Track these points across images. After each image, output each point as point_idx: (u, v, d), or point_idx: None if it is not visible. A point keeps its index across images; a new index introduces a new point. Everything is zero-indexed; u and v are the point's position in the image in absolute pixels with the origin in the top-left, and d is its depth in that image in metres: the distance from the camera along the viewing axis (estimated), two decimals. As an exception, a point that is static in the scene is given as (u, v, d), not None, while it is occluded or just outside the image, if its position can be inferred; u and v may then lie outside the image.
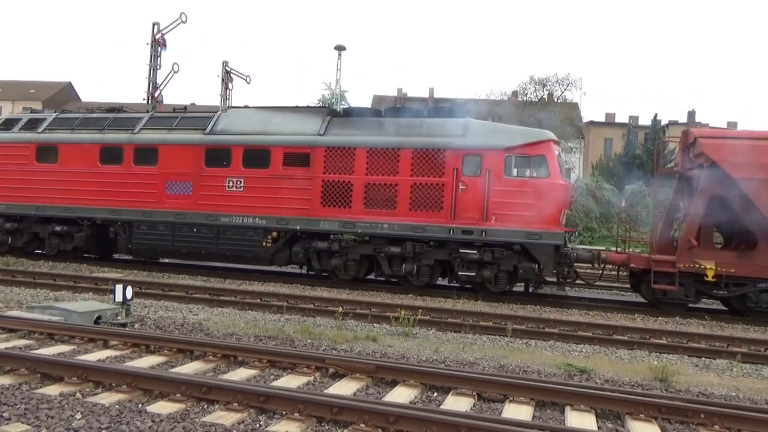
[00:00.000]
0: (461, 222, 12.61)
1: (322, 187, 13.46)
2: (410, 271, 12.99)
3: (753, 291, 11.61)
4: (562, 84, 41.47)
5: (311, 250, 13.61)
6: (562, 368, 6.79)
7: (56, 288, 11.30)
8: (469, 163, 12.70)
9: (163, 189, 14.63)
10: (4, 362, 5.59)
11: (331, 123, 13.99)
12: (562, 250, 12.55)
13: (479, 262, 12.59)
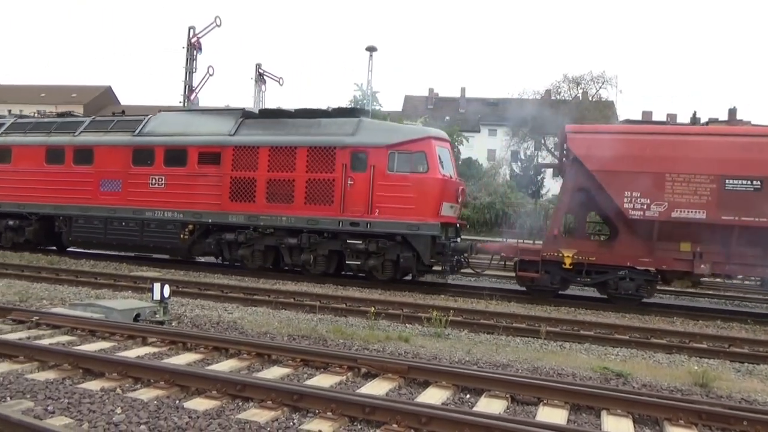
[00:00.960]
0: (349, 215, 13.43)
1: (230, 183, 14.50)
2: (307, 261, 13.96)
3: (613, 278, 12.13)
4: (597, 82, 40.65)
5: (222, 242, 14.70)
6: (597, 371, 6.66)
7: (97, 286, 11.64)
8: (356, 160, 13.49)
9: (97, 186, 16.00)
10: (49, 357, 5.79)
11: (243, 124, 15.03)
12: (439, 241, 13.03)
13: (366, 252, 13.41)
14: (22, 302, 9.27)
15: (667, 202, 11.49)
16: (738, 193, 11.20)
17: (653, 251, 11.88)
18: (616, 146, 11.90)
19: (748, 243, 11.37)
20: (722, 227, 11.29)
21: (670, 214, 11.47)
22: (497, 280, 15.57)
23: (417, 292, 12.86)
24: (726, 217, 11.19)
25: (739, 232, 11.26)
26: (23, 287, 11.00)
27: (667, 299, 14.69)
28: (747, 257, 11.50)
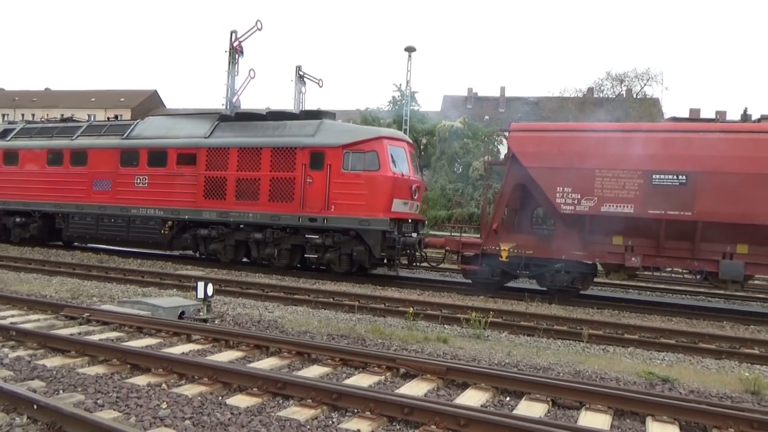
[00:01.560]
0: (308, 211, 14.30)
1: (204, 182, 15.61)
2: (272, 254, 14.94)
3: (549, 271, 12.46)
4: (642, 79, 39.60)
5: (198, 237, 15.82)
6: (642, 376, 6.49)
7: (144, 284, 12.00)
8: (315, 159, 14.32)
9: (91, 186, 17.45)
10: (99, 353, 6.01)
11: (217, 127, 16.13)
12: (389, 235, 13.65)
13: (324, 246, 14.28)
14: (73, 299, 9.64)
15: (596, 197, 11.81)
16: (664, 187, 11.40)
17: (587, 245, 12.14)
18: (549, 143, 12.42)
19: (675, 236, 11.56)
20: (650, 221, 11.50)
21: (599, 209, 11.76)
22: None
23: (455, 293, 12.80)
24: (653, 212, 11.44)
25: (667, 225, 11.45)
26: (75, 285, 11.44)
27: (716, 302, 14.20)
28: (675, 250, 11.69)
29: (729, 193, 10.93)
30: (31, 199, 18.34)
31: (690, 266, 11.88)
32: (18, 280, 11.56)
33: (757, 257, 11.19)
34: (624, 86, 39.95)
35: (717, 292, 14.69)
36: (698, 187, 11.14)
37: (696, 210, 11.16)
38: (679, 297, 14.54)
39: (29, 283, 11.19)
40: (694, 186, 11.19)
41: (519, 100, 56.36)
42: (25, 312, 8.30)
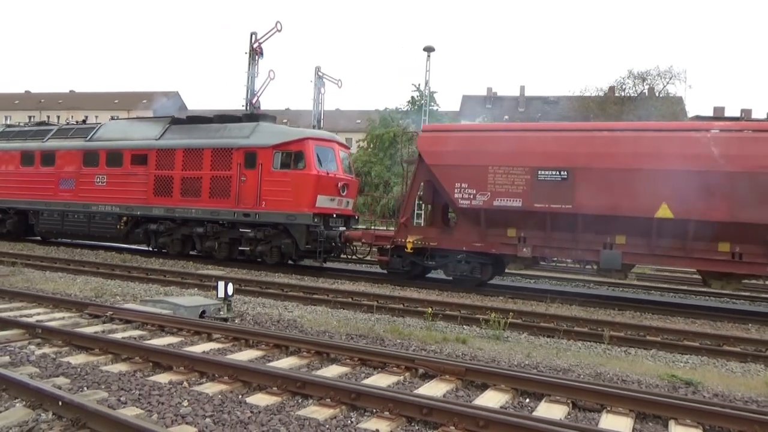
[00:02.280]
0: (242, 207, 15.40)
1: (154, 180, 16.80)
2: (212, 247, 16.15)
3: (451, 261, 13.38)
4: (664, 77, 39.02)
5: (149, 231, 17.05)
6: (665, 379, 6.39)
7: (166, 283, 12.16)
8: (248, 159, 15.38)
9: (57, 185, 18.79)
10: (122, 351, 6.11)
11: (168, 130, 17.31)
12: (313, 229, 14.65)
13: (256, 239, 15.43)
14: (97, 298, 9.81)
15: (489, 192, 12.62)
16: (548, 182, 12.16)
17: (484, 237, 12.99)
18: (449, 143, 13.33)
19: (560, 228, 12.31)
20: (536, 214, 12.30)
21: (492, 203, 12.59)
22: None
23: (474, 294, 12.75)
24: (538, 205, 12.23)
25: (551, 218, 12.21)
26: (99, 284, 11.64)
27: (741, 305, 13.92)
28: (561, 241, 12.44)
29: (603, 187, 11.67)
30: (7, 197, 19.77)
31: (574, 256, 12.75)
32: (44, 279, 11.79)
33: (634, 247, 11.86)
34: (646, 84, 39.44)
35: (742, 293, 14.42)
36: (577, 182, 11.89)
37: (575, 203, 11.90)
38: (703, 298, 14.29)
39: (54, 282, 11.41)
40: (573, 181, 11.92)
41: (539, 100, 55.98)
42: (50, 310, 8.47)
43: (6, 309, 8.35)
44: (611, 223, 11.74)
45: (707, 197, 10.92)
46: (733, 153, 11.00)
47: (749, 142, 11.19)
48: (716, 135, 11.36)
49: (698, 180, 10.92)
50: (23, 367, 5.47)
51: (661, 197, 11.25)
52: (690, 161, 11.09)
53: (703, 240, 11.38)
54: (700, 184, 10.90)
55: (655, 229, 11.47)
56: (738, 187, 10.85)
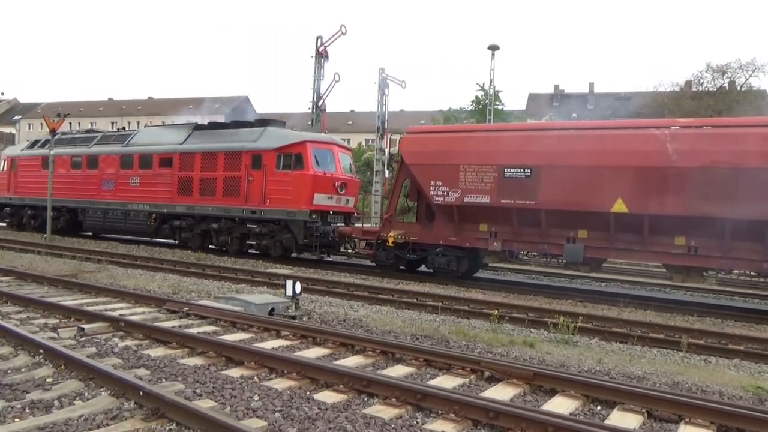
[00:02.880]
0: (250, 204, 16.84)
1: (178, 181, 18.56)
2: (225, 242, 17.74)
3: (431, 254, 14.20)
4: (747, 70, 36.59)
5: (174, 227, 18.78)
6: (750, 391, 6.00)
7: (237, 281, 12.59)
8: (255, 161, 16.84)
9: (100, 186, 20.87)
10: (197, 345, 6.38)
11: (191, 135, 18.98)
12: (309, 225, 15.89)
13: (261, 234, 16.85)
14: (174, 294, 10.28)
15: (461, 189, 13.43)
16: (514, 180, 12.84)
17: (459, 231, 13.78)
18: (426, 144, 14.37)
19: (526, 223, 13.00)
20: (504, 209, 12.97)
21: (463, 200, 13.39)
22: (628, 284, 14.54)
23: (541, 296, 12.45)
24: (504, 201, 12.92)
25: (517, 213, 12.88)
26: (175, 281, 12.20)
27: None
28: (528, 235, 13.13)
29: (565, 184, 12.24)
30: (61, 197, 21.67)
31: (541, 250, 13.28)
32: (126, 276, 12.49)
33: (595, 241, 12.38)
34: (726, 78, 37.12)
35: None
36: (541, 179, 12.50)
37: (539, 199, 12.54)
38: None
39: (135, 279, 12.06)
40: (537, 178, 12.54)
41: (609, 96, 53.97)
42: (132, 305, 8.96)
43: (93, 303, 8.91)
44: (573, 218, 12.31)
45: (662, 192, 11.35)
46: (688, 149, 11.28)
47: (705, 138, 11.44)
48: (674, 132, 11.67)
49: (653, 176, 11.44)
50: (108, 358, 5.82)
51: (617, 193, 11.75)
52: (645, 158, 11.56)
53: (660, 234, 11.69)
54: (655, 180, 11.40)
55: (613, 224, 11.95)
56: (692, 182, 11.15)
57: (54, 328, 7.00)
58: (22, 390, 4.70)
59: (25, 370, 5.31)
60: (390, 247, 14.56)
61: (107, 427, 4.06)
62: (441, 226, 14.11)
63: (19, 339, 6.06)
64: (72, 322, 7.38)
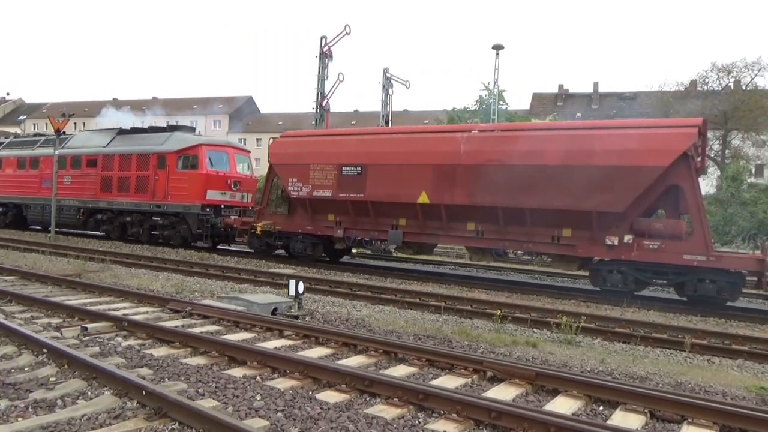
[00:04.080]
0: (156, 200, 19.31)
1: (101, 180, 21.21)
2: (137, 233, 20.33)
3: (292, 241, 16.77)
4: (752, 69, 36.45)
5: (98, 220, 21.54)
6: (753, 391, 5.99)
7: (240, 281, 12.61)
8: (160, 162, 19.27)
9: (40, 184, 23.24)
10: (200, 344, 6.39)
11: (114, 139, 21.66)
12: (201, 217, 18.53)
13: (164, 226, 19.51)
14: (177, 294, 10.30)
15: (311, 185, 15.81)
16: (349, 176, 15.13)
17: (313, 221, 16.18)
18: (285, 147, 16.84)
19: (359, 213, 15.37)
20: (343, 202, 15.31)
21: (312, 194, 15.76)
22: None
23: (544, 296, 12.43)
24: (342, 195, 15.24)
25: (352, 205, 15.26)
26: (179, 280, 12.23)
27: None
28: (361, 223, 15.46)
29: (385, 180, 14.60)
30: (8, 194, 24.83)
31: (372, 236, 15.39)
32: (129, 275, 12.52)
33: (411, 227, 14.65)
34: (731, 77, 36.98)
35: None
36: (368, 176, 14.81)
37: (366, 193, 14.85)
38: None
39: (139, 278, 12.09)
40: (365, 175, 14.86)
41: (614, 96, 53.86)
42: (135, 304, 8.99)
43: (96, 303, 8.94)
44: (393, 208, 14.71)
45: (454, 186, 13.64)
46: (474, 150, 13.55)
47: (487, 140, 13.74)
48: (469, 135, 13.99)
49: (447, 172, 13.72)
50: (111, 357, 5.84)
51: (422, 187, 14.02)
52: (442, 157, 13.91)
53: (455, 221, 13.98)
54: (448, 176, 13.70)
55: (420, 213, 14.28)
56: (473, 177, 13.37)
57: (57, 327, 7.03)
58: (26, 389, 4.72)
59: (29, 369, 5.33)
60: (260, 236, 17.03)
61: (110, 427, 4.08)
62: (299, 216, 16.55)
63: (23, 338, 6.09)
64: (75, 322, 7.41)
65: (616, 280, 12.44)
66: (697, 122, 12.25)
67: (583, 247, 12.68)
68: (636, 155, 11.79)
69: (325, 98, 24.91)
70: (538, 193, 12.62)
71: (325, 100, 24.88)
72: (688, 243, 11.77)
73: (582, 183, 12.19)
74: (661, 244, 11.90)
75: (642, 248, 12.03)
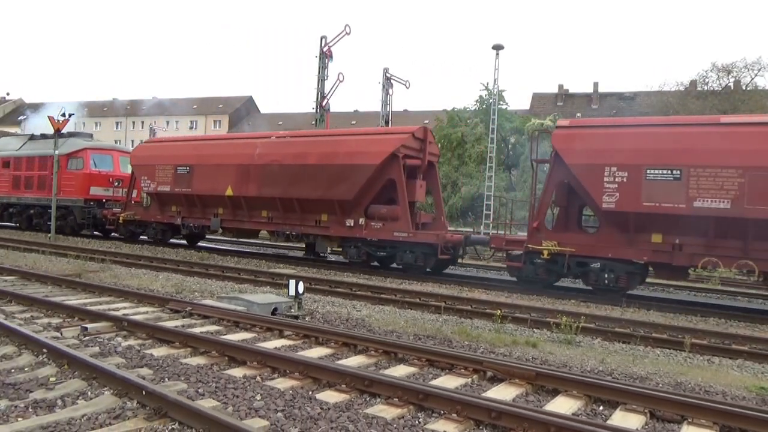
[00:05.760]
0: (51, 195, 21.61)
1: (12, 178, 25.20)
2: (39, 223, 23.87)
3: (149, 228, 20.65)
4: (752, 69, 36.49)
5: (11, 213, 25.54)
6: (753, 392, 5.99)
7: (240, 281, 12.61)
8: (57, 163, 21.35)
9: None
10: (200, 344, 6.39)
11: (26, 143, 25.72)
12: (84, 209, 22.39)
13: (59, 217, 22.22)
14: (177, 294, 10.30)
15: (156, 182, 19.33)
16: (182, 175, 18.74)
17: (162, 212, 19.70)
18: (143, 150, 20.81)
19: (190, 204, 18.84)
20: (177, 195, 18.88)
21: (157, 189, 19.35)
22: None
23: (545, 297, 12.43)
24: (177, 189, 18.79)
25: (185, 198, 18.67)
26: (179, 280, 12.23)
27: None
28: (193, 213, 18.84)
29: (206, 177, 18.08)
30: None
31: (201, 223, 18.69)
32: (129, 275, 12.52)
33: (228, 215, 18.11)
34: (731, 77, 37.00)
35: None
36: (194, 174, 18.46)
37: (193, 188, 18.50)
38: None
39: (139, 278, 12.09)
40: (192, 173, 18.49)
41: (614, 96, 53.85)
42: (135, 304, 8.98)
43: (96, 303, 8.94)
44: (213, 200, 18.12)
45: (248, 181, 17.16)
46: (263, 152, 17.06)
47: (275, 144, 17.26)
48: (264, 141, 17.63)
49: (245, 171, 17.22)
50: (111, 357, 5.84)
51: (228, 182, 17.46)
52: (242, 159, 17.42)
53: (254, 209, 17.53)
54: (246, 173, 17.19)
55: (230, 203, 17.72)
56: (262, 175, 16.86)
57: (57, 327, 7.03)
58: (26, 389, 4.72)
59: (29, 369, 5.33)
60: (123, 224, 20.78)
61: (110, 427, 4.08)
62: (153, 208, 19.92)
63: (23, 338, 6.09)
64: (75, 322, 7.41)
65: (353, 253, 15.80)
66: (411, 130, 15.64)
67: (334, 228, 15.99)
68: (360, 156, 15.23)
69: (325, 98, 24.91)
70: (303, 186, 16.10)
71: (325, 100, 24.88)
72: (398, 223, 14.93)
73: (329, 178, 15.58)
74: (383, 225, 15.13)
75: (370, 228, 15.29)
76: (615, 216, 12.03)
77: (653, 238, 11.74)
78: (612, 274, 12.24)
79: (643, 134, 12.07)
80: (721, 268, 11.58)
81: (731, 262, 11.22)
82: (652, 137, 11.86)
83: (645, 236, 11.84)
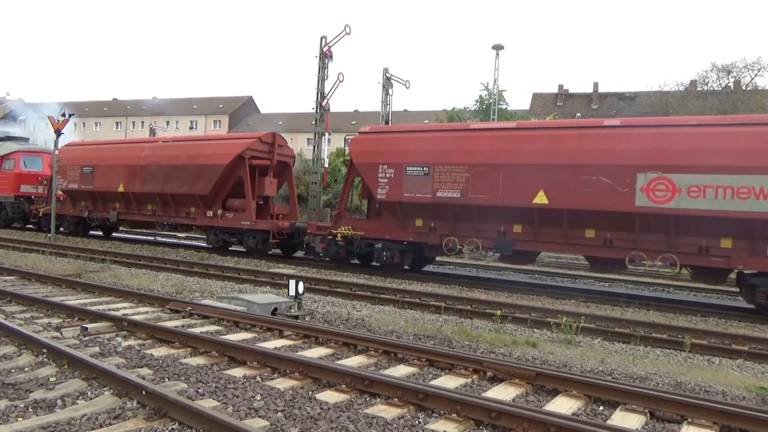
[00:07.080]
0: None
1: None
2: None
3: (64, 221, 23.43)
4: (752, 69, 36.48)
5: None
6: (753, 392, 5.99)
7: (240, 281, 12.61)
8: None
9: None
10: (200, 344, 6.39)
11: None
12: (15, 204, 25.45)
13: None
14: (177, 294, 10.30)
15: (68, 180, 22.19)
16: (85, 174, 21.75)
17: (74, 207, 22.64)
18: (71, 152, 22.69)
19: (93, 199, 21.73)
20: (83, 192, 21.81)
21: (68, 187, 22.10)
22: None
23: (545, 296, 12.43)
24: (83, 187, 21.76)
25: (88, 194, 21.74)
26: (179, 280, 12.23)
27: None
28: (97, 207, 21.86)
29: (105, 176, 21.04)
30: None
31: (101, 215, 21.59)
32: (129, 275, 12.52)
33: (121, 209, 21.01)
34: (731, 77, 37.00)
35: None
36: (96, 173, 21.36)
37: (94, 186, 21.37)
38: None
39: (139, 278, 12.09)
40: (94, 173, 21.34)
41: (614, 96, 53.83)
42: (135, 305, 8.99)
43: (96, 303, 8.94)
44: (110, 196, 21.03)
45: (135, 179, 19.88)
46: (148, 154, 19.89)
47: (157, 147, 20.27)
48: (152, 144, 20.69)
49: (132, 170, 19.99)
50: (111, 357, 5.84)
51: (120, 180, 20.38)
52: (132, 160, 20.22)
53: (141, 203, 20.37)
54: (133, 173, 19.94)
55: (122, 199, 20.75)
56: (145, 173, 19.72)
57: (57, 327, 7.03)
58: (26, 389, 4.72)
59: (29, 369, 5.34)
60: (41, 217, 23.93)
61: (110, 427, 4.08)
62: (67, 204, 22.84)
63: (23, 338, 6.09)
64: (75, 322, 7.41)
65: (213, 239, 18.68)
66: (258, 135, 18.51)
67: (200, 219, 18.77)
68: (214, 157, 18.24)
69: (325, 98, 24.89)
70: (175, 183, 18.91)
71: (325, 100, 24.85)
72: (244, 214, 17.60)
73: (192, 176, 18.49)
74: (234, 215, 17.92)
75: (225, 218, 18.13)
76: (387, 205, 14.89)
77: (416, 223, 14.57)
78: (389, 252, 14.92)
79: (403, 139, 15.06)
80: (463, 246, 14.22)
81: (463, 240, 13.97)
82: (411, 141, 14.78)
83: (411, 221, 14.64)
